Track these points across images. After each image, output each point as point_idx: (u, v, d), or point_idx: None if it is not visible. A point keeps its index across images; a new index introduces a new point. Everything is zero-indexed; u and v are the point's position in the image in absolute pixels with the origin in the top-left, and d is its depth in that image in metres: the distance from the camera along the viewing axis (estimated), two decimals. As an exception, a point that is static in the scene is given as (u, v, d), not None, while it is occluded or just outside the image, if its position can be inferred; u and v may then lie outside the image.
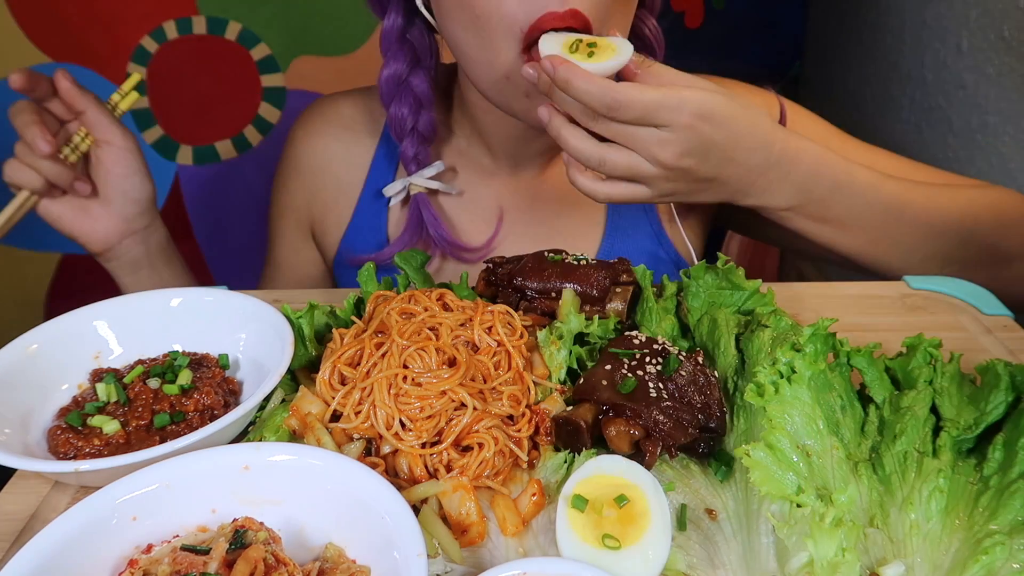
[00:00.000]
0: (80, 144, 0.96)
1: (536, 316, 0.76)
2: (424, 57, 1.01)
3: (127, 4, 1.61)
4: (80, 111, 0.95)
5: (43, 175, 0.92)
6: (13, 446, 0.64)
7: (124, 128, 0.98)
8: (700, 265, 0.78)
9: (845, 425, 0.62)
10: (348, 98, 1.15)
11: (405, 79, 1.01)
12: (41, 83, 0.93)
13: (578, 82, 0.74)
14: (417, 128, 1.02)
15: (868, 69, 1.68)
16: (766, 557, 0.55)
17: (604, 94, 0.73)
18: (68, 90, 0.94)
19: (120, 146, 0.97)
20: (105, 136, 0.96)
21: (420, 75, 1.01)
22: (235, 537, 0.51)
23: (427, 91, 1.02)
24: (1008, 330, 0.84)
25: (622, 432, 0.62)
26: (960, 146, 1.36)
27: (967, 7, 1.33)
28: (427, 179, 1.04)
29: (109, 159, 0.97)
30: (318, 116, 1.14)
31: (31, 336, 0.73)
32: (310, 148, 1.13)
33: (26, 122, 0.91)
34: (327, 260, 1.17)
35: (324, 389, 0.66)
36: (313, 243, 1.18)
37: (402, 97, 1.01)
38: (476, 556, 0.57)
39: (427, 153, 1.04)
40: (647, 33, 1.00)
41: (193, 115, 1.71)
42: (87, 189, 0.96)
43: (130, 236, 1.02)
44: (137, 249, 1.03)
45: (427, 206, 1.04)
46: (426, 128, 1.02)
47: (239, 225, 1.83)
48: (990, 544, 0.52)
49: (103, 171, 0.98)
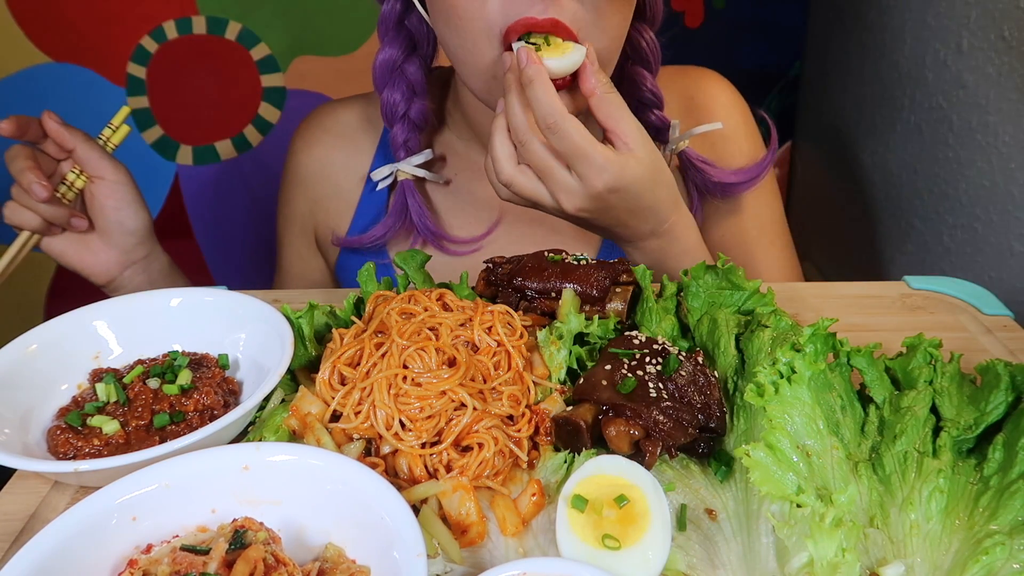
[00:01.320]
0: (75, 181, 0.98)
1: (536, 316, 0.76)
2: (421, 45, 1.02)
3: (127, 4, 1.61)
4: (70, 148, 0.96)
5: (41, 216, 0.94)
6: (13, 446, 0.64)
7: (115, 162, 0.99)
8: (700, 265, 0.78)
9: (845, 425, 0.62)
10: (346, 105, 1.15)
11: (400, 65, 1.01)
12: (31, 126, 0.95)
13: (537, 88, 0.77)
14: (409, 115, 1.03)
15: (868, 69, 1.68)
16: (766, 557, 0.55)
17: (551, 112, 0.77)
18: (56, 131, 0.95)
19: (112, 180, 0.98)
20: (96, 171, 0.97)
21: (415, 62, 1.02)
22: (235, 537, 0.51)
23: (421, 79, 1.02)
24: (1008, 330, 0.84)
25: (622, 432, 0.62)
26: (960, 146, 1.36)
27: (967, 7, 1.33)
28: (414, 166, 1.04)
29: (102, 193, 0.98)
30: (317, 125, 1.14)
31: (31, 336, 0.73)
32: (310, 157, 1.14)
33: (21, 168, 0.93)
34: (330, 267, 1.18)
35: (324, 389, 0.66)
36: (318, 250, 1.18)
37: (395, 83, 1.01)
38: (476, 556, 0.57)
39: (417, 141, 1.05)
40: (643, 46, 1.01)
41: (193, 115, 1.71)
42: (83, 225, 0.98)
43: (131, 267, 1.03)
44: (139, 278, 1.04)
45: (413, 193, 1.05)
46: (418, 116, 1.03)
47: (239, 225, 1.83)
48: (990, 544, 0.52)
49: (97, 205, 0.99)
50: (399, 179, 1.05)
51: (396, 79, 1.01)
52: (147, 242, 1.03)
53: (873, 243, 1.69)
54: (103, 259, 1.01)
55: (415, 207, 1.04)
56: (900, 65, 1.55)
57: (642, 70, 1.02)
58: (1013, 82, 1.21)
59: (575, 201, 0.82)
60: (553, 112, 0.77)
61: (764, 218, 1.11)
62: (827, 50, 1.93)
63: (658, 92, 1.02)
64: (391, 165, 1.05)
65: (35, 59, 1.59)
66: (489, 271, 0.82)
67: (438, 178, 1.07)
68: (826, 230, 1.95)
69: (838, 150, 1.83)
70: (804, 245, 2.03)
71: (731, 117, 1.09)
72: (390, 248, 1.09)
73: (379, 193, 1.10)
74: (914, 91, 1.50)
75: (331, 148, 1.13)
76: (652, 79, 1.02)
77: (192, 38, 1.66)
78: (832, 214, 1.91)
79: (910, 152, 1.52)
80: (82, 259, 1.00)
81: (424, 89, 1.03)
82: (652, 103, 1.03)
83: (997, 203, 1.26)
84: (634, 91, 1.02)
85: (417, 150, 1.05)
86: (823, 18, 1.95)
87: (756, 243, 1.10)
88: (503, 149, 0.83)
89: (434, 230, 1.05)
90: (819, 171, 1.93)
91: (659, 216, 0.87)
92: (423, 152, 1.05)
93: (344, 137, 1.13)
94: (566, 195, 0.82)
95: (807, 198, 1.99)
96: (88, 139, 0.97)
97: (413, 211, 1.04)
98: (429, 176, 1.06)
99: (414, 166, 1.04)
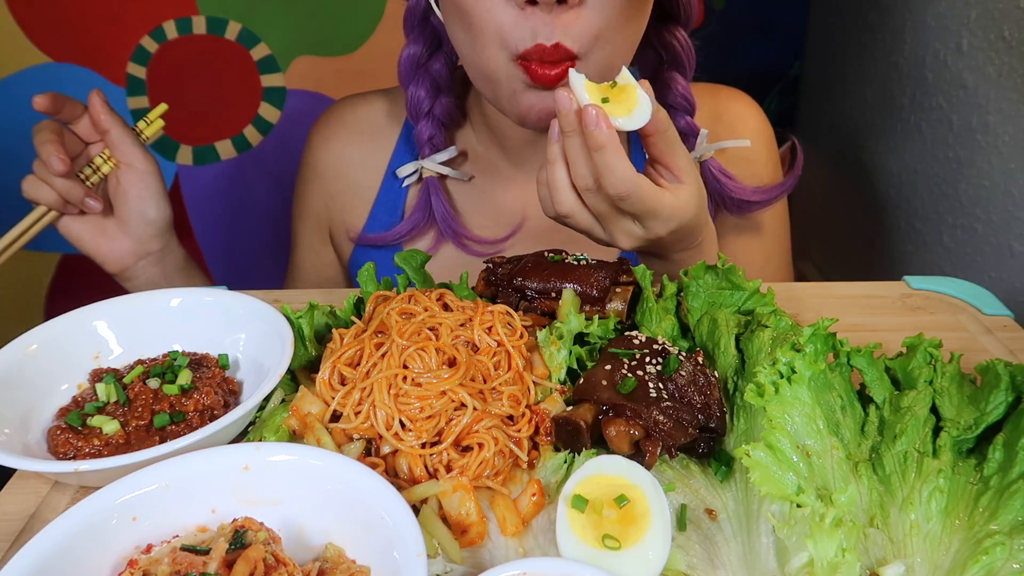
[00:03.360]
0: (102, 166, 0.98)
1: (536, 316, 0.76)
2: (446, 42, 1.01)
3: (127, 4, 1.61)
4: (105, 130, 0.96)
5: (56, 191, 0.94)
6: (13, 446, 0.64)
7: (147, 152, 0.99)
8: (700, 265, 0.78)
9: (845, 425, 0.62)
10: (366, 100, 1.15)
11: (424, 62, 1.01)
12: (65, 105, 0.95)
13: (609, 156, 0.73)
14: (434, 112, 1.02)
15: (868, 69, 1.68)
16: (766, 557, 0.55)
17: (624, 182, 0.74)
18: (99, 106, 0.95)
19: (141, 169, 0.98)
20: (127, 158, 0.97)
21: (440, 59, 1.01)
22: (235, 537, 0.51)
23: (446, 76, 1.02)
24: (1008, 330, 0.84)
25: (622, 432, 0.62)
26: (960, 146, 1.36)
27: (967, 7, 1.33)
28: (439, 164, 1.04)
29: (128, 180, 0.98)
30: (336, 120, 1.14)
31: (31, 336, 0.73)
32: (327, 152, 1.13)
33: (43, 140, 0.93)
34: (343, 262, 1.18)
35: (324, 389, 0.66)
36: (332, 246, 1.18)
37: (420, 79, 1.01)
38: (476, 556, 0.57)
39: (442, 138, 1.05)
40: (678, 48, 1.00)
41: (193, 115, 1.71)
42: (98, 206, 0.98)
43: (145, 258, 1.03)
44: (153, 270, 1.04)
45: (437, 191, 1.04)
46: (443, 112, 1.03)
47: (239, 225, 1.83)
48: (990, 544, 0.52)
49: (121, 192, 0.99)
50: (424, 176, 1.05)
51: (421, 75, 1.01)
52: (164, 235, 1.03)
53: (873, 243, 1.69)
54: (118, 247, 1.01)
55: (439, 205, 1.04)
56: (900, 65, 1.55)
57: (676, 74, 1.01)
58: (1013, 82, 1.21)
59: (633, 242, 0.82)
60: (626, 182, 0.74)
61: (769, 244, 1.12)
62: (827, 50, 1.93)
63: (691, 97, 1.01)
64: (417, 162, 1.05)
65: (35, 59, 1.59)
66: (489, 271, 0.82)
67: (462, 175, 1.07)
68: (826, 230, 1.95)
69: (838, 150, 1.83)
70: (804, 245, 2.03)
71: (756, 141, 1.08)
72: (406, 246, 1.08)
73: (397, 190, 1.09)
74: (914, 91, 1.50)
75: (349, 144, 1.12)
76: (685, 83, 1.01)
77: (192, 38, 1.66)
78: (832, 214, 1.91)
79: (910, 152, 1.52)
80: (98, 244, 1.00)
81: (449, 86, 1.03)
82: (684, 108, 1.02)
83: (997, 203, 1.26)
84: (667, 95, 1.01)
85: (443, 147, 1.05)
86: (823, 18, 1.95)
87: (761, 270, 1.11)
88: (563, 181, 0.79)
89: (456, 228, 1.05)
90: (819, 171, 1.93)
91: (695, 234, 0.86)
92: (448, 149, 1.05)
93: (363, 133, 1.12)
94: (625, 237, 0.81)
95: (807, 198, 1.99)
96: (125, 125, 0.97)
97: (436, 209, 1.04)
98: (453, 174, 1.05)
99: (439, 164, 1.04)
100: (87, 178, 0.97)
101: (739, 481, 0.61)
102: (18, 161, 1.01)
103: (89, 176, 0.97)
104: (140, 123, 1.00)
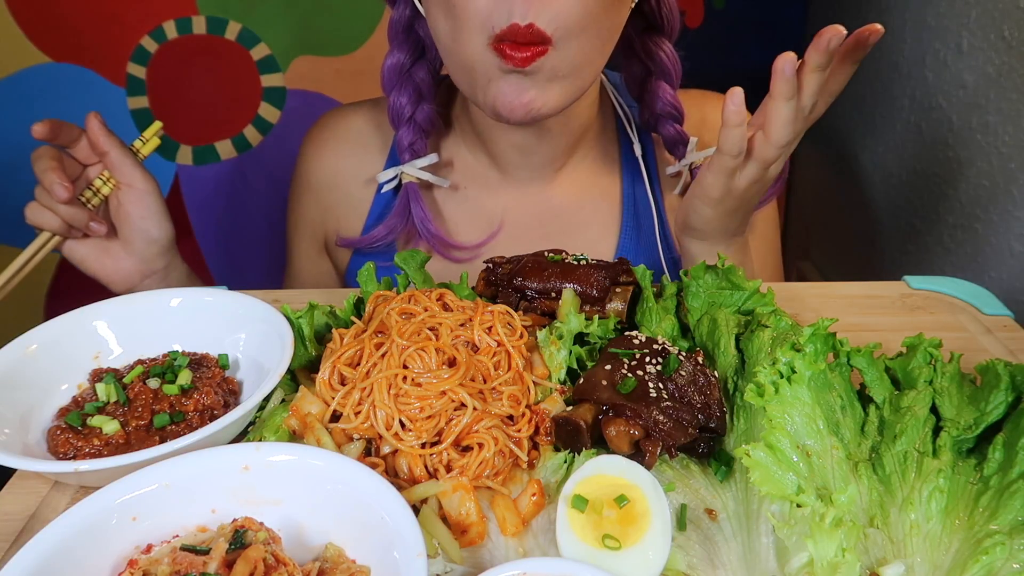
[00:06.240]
0: (102, 188, 0.98)
1: (536, 316, 0.76)
2: (429, 50, 1.02)
3: (127, 4, 1.61)
4: (104, 152, 0.96)
5: (61, 217, 0.94)
6: (13, 446, 0.64)
7: (146, 171, 0.99)
8: (700, 265, 0.78)
9: (845, 425, 0.62)
10: (357, 110, 1.15)
11: (408, 70, 1.02)
12: (63, 130, 0.94)
13: None
14: (415, 118, 1.03)
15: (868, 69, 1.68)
16: (766, 557, 0.55)
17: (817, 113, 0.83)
18: (97, 128, 0.95)
19: (141, 189, 0.98)
20: (127, 178, 0.97)
21: (423, 67, 1.02)
22: (235, 537, 0.51)
23: (429, 83, 1.03)
24: (1008, 330, 0.84)
25: (622, 432, 0.62)
26: (960, 146, 1.36)
27: (967, 7, 1.33)
28: (418, 169, 1.04)
29: (129, 201, 0.98)
30: (328, 131, 1.14)
31: (31, 336, 0.73)
32: (320, 164, 1.14)
33: (44, 169, 0.92)
34: (339, 271, 1.18)
35: (324, 389, 0.66)
36: (328, 256, 1.19)
37: (403, 87, 1.02)
38: (476, 556, 0.57)
39: (423, 144, 1.05)
40: (664, 59, 1.01)
41: (193, 115, 1.71)
42: (103, 230, 0.98)
43: (150, 276, 1.03)
44: (158, 288, 1.04)
45: (416, 197, 1.05)
46: (424, 119, 1.03)
47: (239, 225, 1.83)
48: (990, 544, 0.52)
49: (123, 213, 0.99)
50: (403, 181, 1.05)
51: (404, 83, 1.02)
52: (167, 253, 1.03)
53: (873, 243, 1.69)
54: (123, 267, 1.01)
55: (417, 210, 1.04)
56: (900, 65, 1.55)
57: (663, 83, 1.02)
58: (1013, 82, 1.21)
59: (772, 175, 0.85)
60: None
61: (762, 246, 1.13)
62: (827, 50, 1.92)
63: (679, 105, 1.03)
64: (396, 168, 1.06)
65: (35, 59, 1.59)
66: (489, 271, 0.82)
67: (443, 181, 1.07)
68: (826, 230, 1.95)
69: (838, 150, 1.83)
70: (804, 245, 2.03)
71: None
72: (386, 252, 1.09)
73: (391, 198, 1.09)
74: (914, 91, 1.50)
75: (341, 154, 1.13)
76: (672, 92, 1.03)
77: (192, 38, 1.66)
78: (832, 214, 1.91)
79: (910, 152, 1.52)
80: (103, 265, 1.00)
81: (432, 93, 1.03)
82: (672, 116, 1.04)
83: (997, 203, 1.26)
84: (655, 104, 1.03)
85: (424, 154, 1.05)
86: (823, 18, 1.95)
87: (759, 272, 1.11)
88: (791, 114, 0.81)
89: (435, 233, 1.05)
90: (819, 171, 1.93)
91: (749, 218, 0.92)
92: (429, 156, 1.05)
93: (354, 143, 1.13)
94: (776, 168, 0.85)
95: (807, 198, 1.99)
96: (123, 146, 0.97)
97: (415, 214, 1.04)
98: (434, 179, 1.05)
99: (419, 169, 1.04)
100: (88, 200, 0.97)
101: (739, 481, 0.61)
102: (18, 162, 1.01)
103: (90, 199, 0.97)
104: (136, 142, 1.00)
